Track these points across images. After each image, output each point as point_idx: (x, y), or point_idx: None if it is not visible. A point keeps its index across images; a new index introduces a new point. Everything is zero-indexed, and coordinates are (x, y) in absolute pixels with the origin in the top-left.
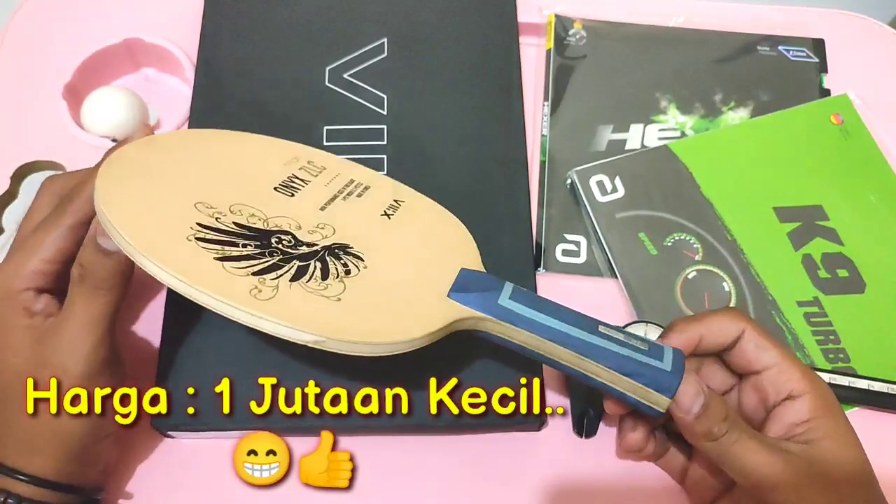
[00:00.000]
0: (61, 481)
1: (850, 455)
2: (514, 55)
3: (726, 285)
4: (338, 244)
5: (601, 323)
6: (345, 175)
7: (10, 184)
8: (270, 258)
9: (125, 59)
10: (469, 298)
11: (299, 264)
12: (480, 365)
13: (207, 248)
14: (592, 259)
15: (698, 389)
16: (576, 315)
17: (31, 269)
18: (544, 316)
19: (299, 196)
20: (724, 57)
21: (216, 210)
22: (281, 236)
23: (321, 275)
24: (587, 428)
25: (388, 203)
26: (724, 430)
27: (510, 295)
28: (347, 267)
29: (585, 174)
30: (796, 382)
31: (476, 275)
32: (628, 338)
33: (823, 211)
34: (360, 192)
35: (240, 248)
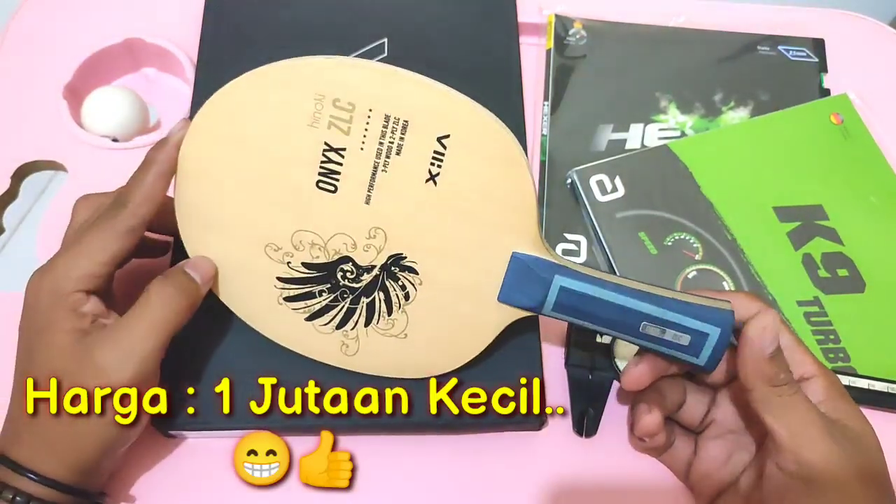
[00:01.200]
0: (71, 484)
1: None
2: (514, 55)
3: (726, 285)
4: (392, 256)
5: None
6: (378, 112)
7: (10, 183)
8: (343, 301)
9: (125, 58)
10: (519, 299)
11: (366, 301)
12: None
13: (296, 310)
14: (593, 259)
15: (774, 331)
16: (620, 313)
17: (83, 272)
18: (588, 323)
19: (342, 188)
20: (724, 57)
21: (284, 252)
22: (343, 268)
23: (386, 309)
24: (587, 427)
25: (431, 152)
26: (788, 379)
27: (557, 295)
28: (406, 289)
29: (585, 174)
30: (808, 364)
31: (524, 267)
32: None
33: (823, 210)
34: (399, 143)
35: (318, 297)
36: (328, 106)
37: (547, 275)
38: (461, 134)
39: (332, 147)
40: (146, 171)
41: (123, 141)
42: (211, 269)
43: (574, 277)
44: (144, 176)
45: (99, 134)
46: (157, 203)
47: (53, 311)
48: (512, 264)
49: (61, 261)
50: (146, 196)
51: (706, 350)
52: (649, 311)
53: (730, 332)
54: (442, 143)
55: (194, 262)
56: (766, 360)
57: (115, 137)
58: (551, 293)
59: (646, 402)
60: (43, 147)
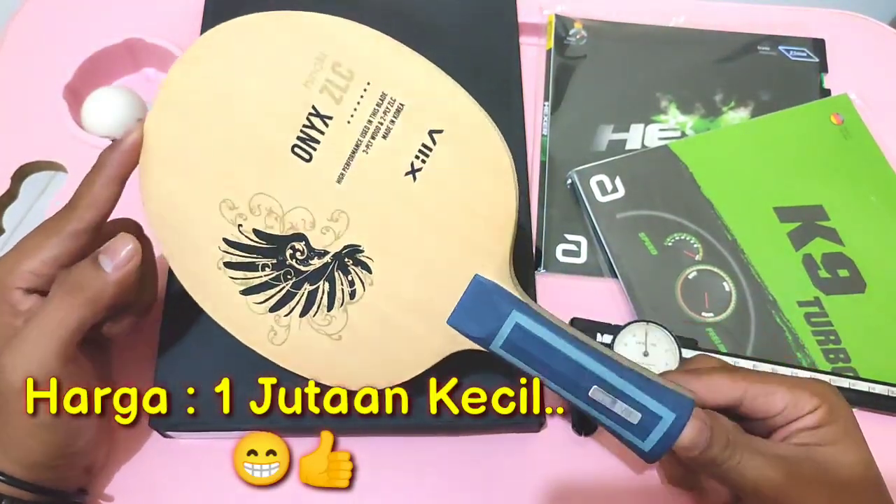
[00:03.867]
0: (33, 481)
1: (856, 457)
2: (515, 55)
3: (726, 285)
4: (349, 247)
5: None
6: (376, 88)
7: (10, 184)
8: (285, 283)
9: (126, 59)
10: (469, 327)
11: (309, 289)
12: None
13: (233, 279)
14: (593, 259)
15: (704, 434)
16: (572, 369)
17: (26, 269)
18: (534, 371)
19: (317, 158)
20: (725, 57)
21: (239, 213)
22: (294, 246)
23: (328, 303)
24: (587, 426)
25: (419, 144)
26: (727, 456)
27: (510, 332)
28: (353, 286)
29: (586, 174)
30: (808, 403)
31: (484, 293)
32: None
33: (824, 211)
34: (388, 126)
35: (259, 271)
36: (327, 69)
37: (505, 307)
38: (455, 132)
39: (319, 113)
40: (96, 174)
41: None
42: (128, 254)
43: (533, 318)
44: (94, 179)
45: (99, 134)
46: (104, 208)
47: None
48: (472, 287)
49: (9, 257)
50: (92, 201)
51: (655, 435)
52: (604, 375)
53: (685, 420)
54: (433, 137)
55: (110, 246)
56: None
57: (114, 138)
58: (505, 327)
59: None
60: (43, 147)
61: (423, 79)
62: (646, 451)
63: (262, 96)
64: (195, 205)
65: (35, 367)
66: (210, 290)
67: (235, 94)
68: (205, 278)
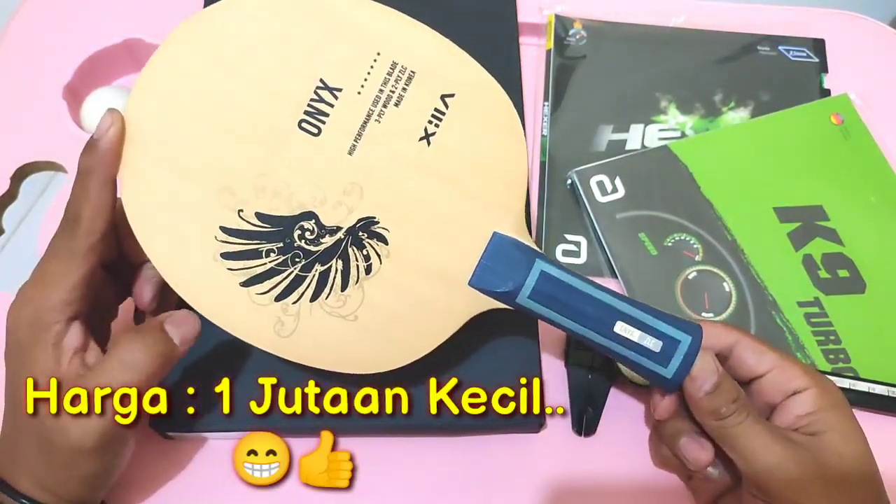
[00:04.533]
0: None
1: (855, 449)
2: (514, 55)
3: (726, 286)
4: (363, 220)
5: (622, 317)
6: (386, 57)
7: (9, 184)
8: (293, 267)
9: (125, 59)
10: (493, 282)
11: (320, 270)
12: (480, 365)
13: (232, 270)
14: (593, 259)
15: (712, 367)
16: (597, 308)
17: (56, 301)
18: (561, 317)
19: (326, 131)
20: (725, 57)
21: (240, 198)
22: (303, 226)
23: (341, 282)
24: (586, 426)
25: (432, 109)
26: (731, 411)
27: (536, 280)
28: (370, 261)
29: (585, 174)
30: (799, 379)
31: (505, 248)
32: (643, 337)
33: (824, 211)
34: (400, 94)
35: (262, 258)
36: (333, 41)
37: (529, 258)
38: (466, 96)
39: (328, 86)
40: (87, 181)
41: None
42: (194, 329)
43: (556, 266)
44: (86, 188)
45: None
46: (108, 213)
47: (34, 348)
48: (492, 244)
49: (34, 292)
50: (96, 211)
51: (675, 359)
52: (626, 310)
53: (699, 343)
54: (445, 101)
55: (178, 317)
56: (704, 399)
57: None
58: (531, 277)
59: (693, 438)
60: (42, 148)
61: (433, 47)
62: (669, 378)
63: (264, 72)
64: (188, 194)
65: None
66: (204, 288)
67: (233, 71)
68: (196, 277)
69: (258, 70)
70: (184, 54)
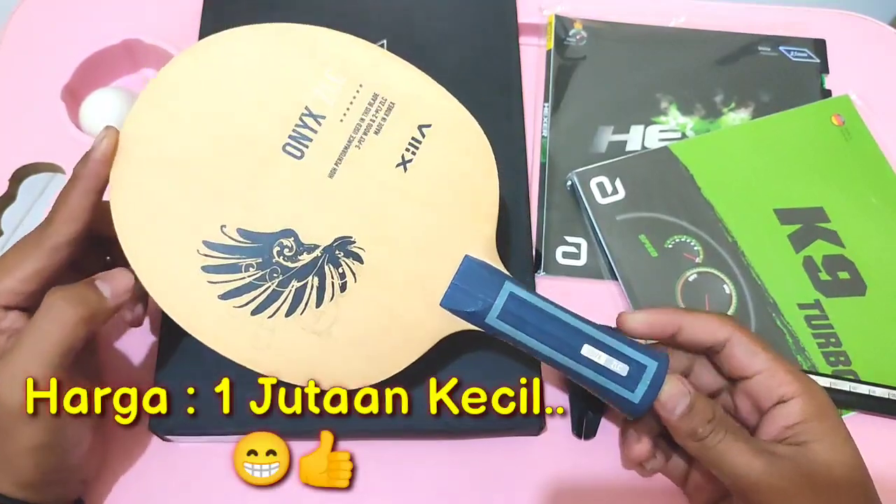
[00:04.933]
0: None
1: (843, 458)
2: (514, 56)
3: (727, 287)
4: (340, 239)
5: (589, 340)
6: (368, 89)
7: (8, 186)
8: (270, 282)
9: (124, 59)
10: (464, 303)
11: (296, 286)
12: (480, 365)
13: (212, 283)
14: (593, 261)
15: (683, 391)
16: (564, 330)
17: (5, 287)
18: (529, 338)
19: (309, 155)
20: (725, 57)
21: (224, 213)
22: (282, 242)
23: (316, 298)
24: (586, 429)
25: (409, 138)
26: (708, 431)
27: (504, 302)
28: (344, 279)
29: (586, 176)
30: (787, 386)
31: (476, 270)
32: (610, 360)
33: (824, 213)
34: (380, 122)
35: (242, 272)
36: (321, 73)
37: (498, 280)
38: (442, 126)
39: (312, 113)
40: (72, 187)
41: None
42: (126, 284)
43: (524, 288)
44: (70, 193)
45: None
46: (82, 220)
47: None
48: (463, 266)
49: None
50: (70, 215)
51: (642, 385)
52: (593, 333)
53: (665, 370)
54: (421, 131)
55: (109, 274)
56: (680, 423)
57: None
58: (499, 298)
59: (635, 429)
60: (41, 149)
61: (412, 82)
62: (635, 403)
63: (255, 99)
64: (174, 205)
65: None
66: (184, 299)
67: (227, 98)
68: (176, 287)
69: (249, 97)
70: (181, 78)
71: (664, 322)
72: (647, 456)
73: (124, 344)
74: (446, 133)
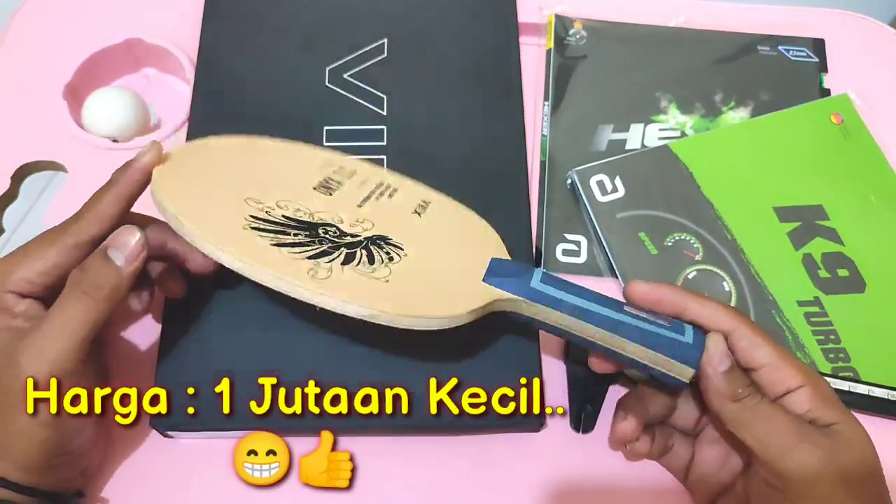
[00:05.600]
0: (30, 484)
1: (862, 439)
2: (514, 55)
3: (726, 285)
4: (379, 235)
5: (626, 304)
6: (374, 178)
7: (10, 184)
8: (321, 245)
9: (126, 59)
10: (504, 282)
11: (347, 251)
12: (480, 365)
13: (262, 236)
14: (593, 259)
15: (726, 349)
16: (602, 296)
17: (20, 276)
18: (573, 297)
19: (337, 195)
20: (725, 57)
21: (265, 205)
22: (327, 227)
23: (368, 260)
24: (584, 423)
25: (418, 203)
26: (748, 392)
27: (541, 279)
28: (391, 255)
29: (586, 174)
30: (791, 378)
31: (506, 263)
32: (651, 314)
33: (824, 210)
34: (390, 193)
35: (291, 236)
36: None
37: (527, 267)
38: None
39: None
40: (106, 190)
41: (123, 141)
42: (137, 246)
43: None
44: (102, 195)
45: (99, 134)
46: (108, 224)
47: None
48: (493, 263)
49: (6, 260)
50: (97, 216)
51: (688, 333)
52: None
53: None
54: (425, 204)
55: (116, 239)
56: (724, 380)
57: (115, 138)
58: (535, 275)
59: (624, 409)
60: (43, 147)
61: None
62: (690, 343)
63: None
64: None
65: (53, 364)
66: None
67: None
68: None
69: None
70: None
71: (670, 297)
72: (631, 435)
73: (125, 343)
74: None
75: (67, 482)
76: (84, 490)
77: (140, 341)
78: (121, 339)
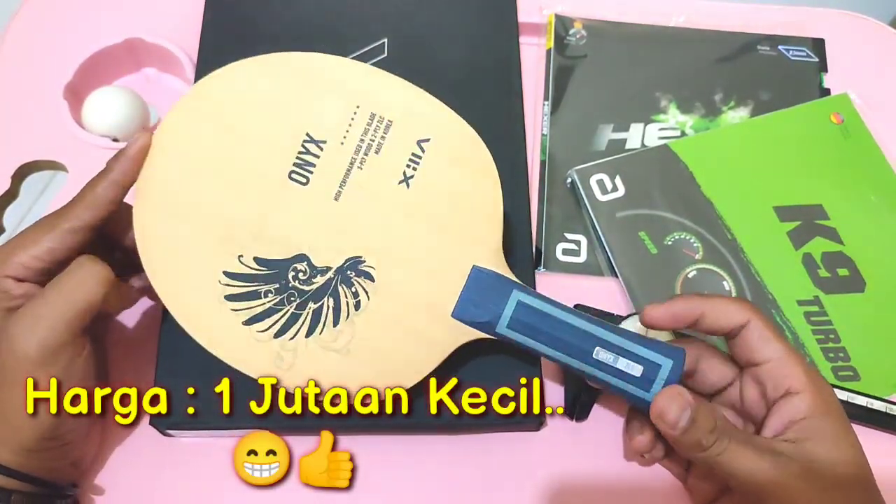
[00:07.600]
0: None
1: (847, 456)
2: (515, 55)
3: (726, 284)
4: (351, 259)
5: (601, 343)
6: (365, 110)
7: (10, 184)
8: (289, 306)
9: (126, 58)
10: (474, 314)
11: (313, 308)
12: (480, 365)
13: (236, 311)
14: (593, 258)
15: (683, 404)
16: (575, 335)
17: (17, 260)
18: (541, 345)
19: (314, 181)
20: (724, 56)
21: (240, 243)
22: (297, 267)
23: (333, 318)
24: (579, 411)
25: (409, 154)
26: (711, 441)
27: (514, 310)
28: (357, 297)
29: (586, 173)
30: (795, 379)
31: (484, 280)
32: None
33: (823, 210)
34: (379, 141)
35: (262, 298)
36: (317, 98)
37: (506, 289)
38: (441, 139)
39: (313, 139)
40: (101, 177)
41: (124, 141)
42: None
43: (533, 295)
44: (97, 182)
45: (99, 134)
46: (103, 210)
47: None
48: (472, 276)
49: (4, 246)
50: (92, 202)
51: (657, 385)
52: (605, 336)
53: (682, 366)
54: (421, 146)
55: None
56: (682, 437)
57: (115, 137)
58: (508, 307)
59: (638, 420)
60: (43, 147)
61: (408, 98)
62: (650, 402)
63: (258, 134)
64: (195, 243)
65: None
66: (212, 326)
67: (233, 134)
68: (204, 316)
69: (252, 129)
70: (185, 122)
71: (686, 311)
72: (648, 447)
73: (124, 344)
74: (446, 146)
75: (59, 472)
76: (78, 483)
77: (140, 341)
78: (121, 339)
